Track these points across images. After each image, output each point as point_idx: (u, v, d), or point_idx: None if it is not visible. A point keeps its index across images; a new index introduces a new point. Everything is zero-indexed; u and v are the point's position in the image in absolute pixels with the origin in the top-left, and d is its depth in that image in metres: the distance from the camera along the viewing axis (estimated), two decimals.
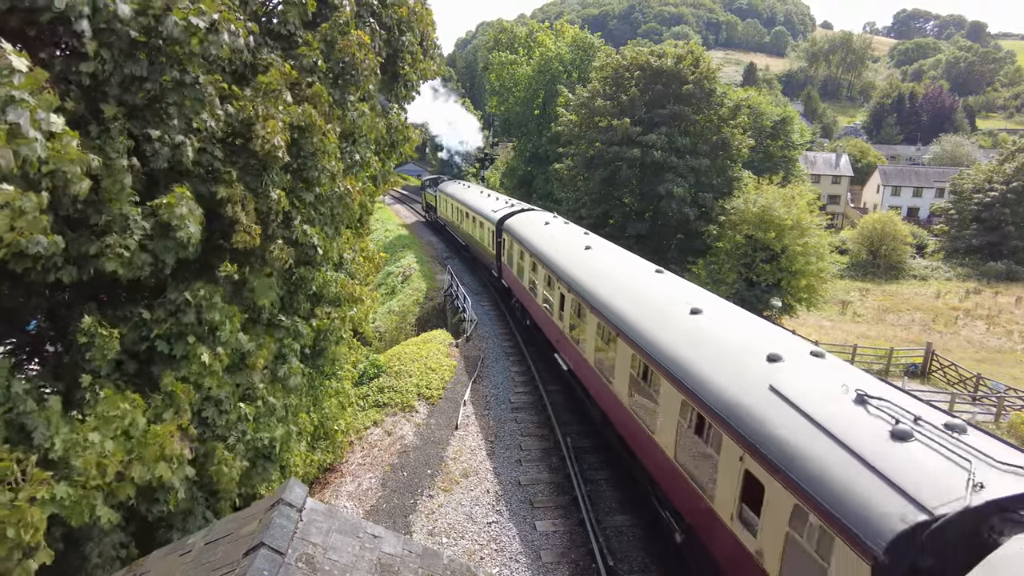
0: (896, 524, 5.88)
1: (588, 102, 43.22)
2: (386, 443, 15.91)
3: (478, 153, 79.02)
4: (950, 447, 6.63)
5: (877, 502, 6.20)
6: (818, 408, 7.77)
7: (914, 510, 5.90)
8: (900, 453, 6.66)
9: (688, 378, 9.79)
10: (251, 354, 9.96)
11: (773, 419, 7.97)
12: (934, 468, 6.33)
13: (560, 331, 17.41)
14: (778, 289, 33.29)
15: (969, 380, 28.36)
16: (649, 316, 12.22)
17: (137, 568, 4.68)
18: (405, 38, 14.85)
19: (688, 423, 9.86)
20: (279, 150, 9.40)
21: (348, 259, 14.20)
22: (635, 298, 13.30)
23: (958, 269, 56.58)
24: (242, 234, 9.22)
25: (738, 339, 10.37)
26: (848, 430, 7.21)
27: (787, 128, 60.71)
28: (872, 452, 6.74)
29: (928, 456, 6.55)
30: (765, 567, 7.64)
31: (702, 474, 9.42)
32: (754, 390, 8.63)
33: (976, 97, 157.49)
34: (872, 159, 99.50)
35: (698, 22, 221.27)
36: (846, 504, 6.42)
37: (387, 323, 33.22)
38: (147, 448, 7.68)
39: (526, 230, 22.91)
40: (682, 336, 10.94)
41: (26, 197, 6.08)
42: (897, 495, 6.14)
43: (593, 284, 15.12)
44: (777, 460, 7.49)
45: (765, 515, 7.72)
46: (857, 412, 7.55)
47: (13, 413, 6.93)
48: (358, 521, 4.62)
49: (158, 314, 8.83)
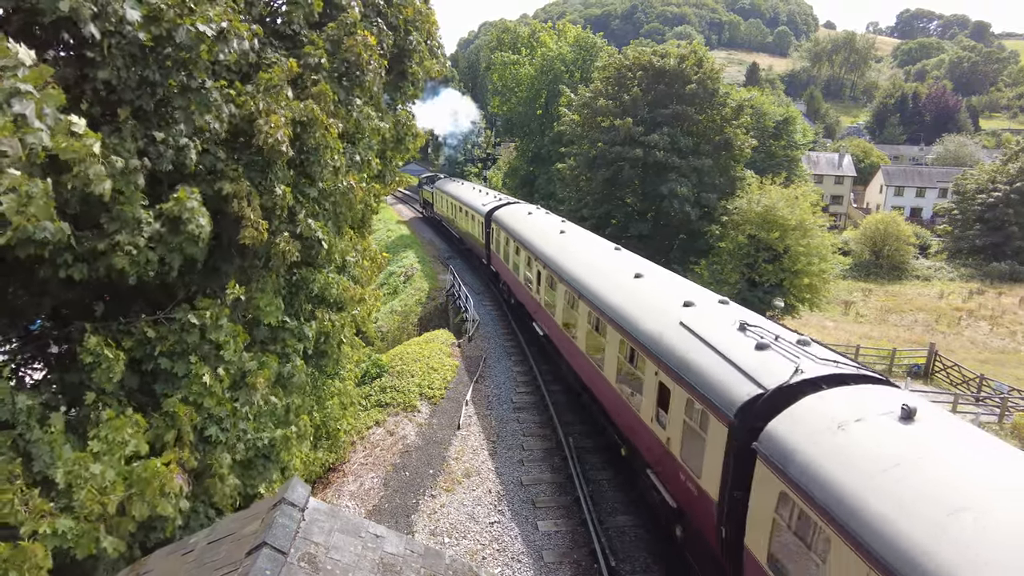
0: (742, 397, 8.72)
1: (590, 102, 43.19)
2: (388, 443, 15.91)
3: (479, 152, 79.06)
4: (792, 352, 9.38)
5: (734, 386, 9.01)
6: (710, 334, 10.52)
7: (754, 387, 8.74)
8: (757, 357, 9.44)
9: (625, 323, 12.70)
10: (252, 373, 9.85)
11: (679, 344, 10.77)
12: (775, 364, 9.12)
13: (537, 303, 20.31)
14: (780, 289, 33.24)
15: (972, 381, 28.31)
16: (603, 282, 15.00)
17: (140, 567, 4.69)
18: (412, 37, 14.89)
19: (625, 356, 12.78)
20: (283, 144, 9.38)
21: (351, 262, 14.20)
22: (594, 269, 16.14)
23: (961, 270, 56.45)
24: (250, 230, 9.17)
25: (664, 293, 13.30)
26: (727, 346, 9.96)
27: (790, 128, 60.64)
28: (739, 358, 9.50)
29: (775, 358, 9.32)
30: (671, 450, 10.63)
31: (633, 393, 12.41)
32: (669, 326, 11.45)
33: (980, 97, 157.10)
34: (875, 159, 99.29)
35: (701, 22, 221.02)
36: (717, 391, 9.22)
37: (389, 323, 33.26)
38: (147, 485, 7.58)
39: (511, 220, 25.70)
40: (625, 294, 13.76)
41: (33, 183, 6.10)
42: (748, 381, 8.93)
43: (563, 260, 17.84)
44: (679, 370, 10.30)
45: (670, 412, 10.66)
46: (737, 335, 10.36)
47: (17, 434, 6.88)
48: (360, 521, 4.62)
49: (162, 331, 8.78)
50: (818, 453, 7.21)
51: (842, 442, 7.16)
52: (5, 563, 5.98)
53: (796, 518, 7.33)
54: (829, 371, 8.75)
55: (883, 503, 6.18)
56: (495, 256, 28.17)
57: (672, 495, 10.81)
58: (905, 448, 6.75)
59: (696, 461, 9.70)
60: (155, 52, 7.95)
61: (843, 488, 6.61)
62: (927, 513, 5.85)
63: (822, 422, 7.59)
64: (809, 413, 7.87)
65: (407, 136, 16.22)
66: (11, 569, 5.98)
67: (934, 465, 6.44)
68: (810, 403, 8.06)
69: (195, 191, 8.37)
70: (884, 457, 6.69)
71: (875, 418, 7.39)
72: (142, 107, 8.21)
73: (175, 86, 8.29)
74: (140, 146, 8.12)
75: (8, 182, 5.87)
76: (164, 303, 9.25)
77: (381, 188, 15.83)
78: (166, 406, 8.45)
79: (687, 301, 12.10)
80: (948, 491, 6.00)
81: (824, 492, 6.76)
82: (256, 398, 9.90)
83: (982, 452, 6.68)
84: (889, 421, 7.27)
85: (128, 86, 7.90)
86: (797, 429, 7.71)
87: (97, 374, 7.72)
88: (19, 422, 6.92)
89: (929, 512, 5.84)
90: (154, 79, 8.04)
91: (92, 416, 7.66)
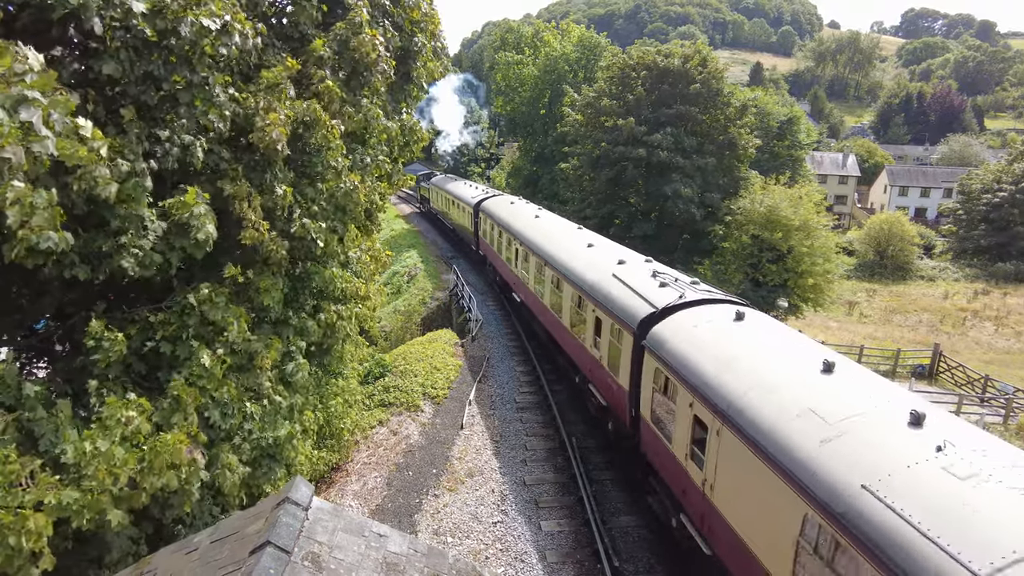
0: (642, 314, 12.62)
1: (594, 102, 43.16)
2: (392, 442, 15.93)
3: (482, 152, 79.12)
4: (682, 288, 13.26)
5: (639, 308, 12.90)
6: (631, 280, 14.42)
7: (650, 308, 12.61)
8: (658, 291, 13.29)
9: (576, 278, 16.65)
10: (258, 354, 9.98)
11: (610, 288, 14.66)
12: (668, 294, 12.91)
13: (517, 277, 24.12)
14: (784, 289, 33.16)
15: (977, 381, 28.18)
16: (564, 252, 18.85)
17: (144, 566, 4.70)
18: (417, 39, 14.91)
19: (575, 303, 16.72)
20: (279, 143, 9.42)
21: (354, 258, 14.22)
22: (559, 244, 19.87)
23: (966, 270, 56.16)
24: (250, 230, 9.28)
25: (607, 257, 17.09)
26: (640, 286, 13.91)
27: (794, 128, 60.50)
28: (646, 292, 13.41)
29: (670, 290, 13.17)
30: (602, 363, 14.65)
31: (580, 330, 16.38)
32: (605, 277, 15.34)
33: (985, 97, 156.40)
34: (879, 159, 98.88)
35: (704, 22, 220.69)
36: (628, 313, 13.17)
37: (393, 322, 33.27)
38: (157, 457, 7.73)
39: (496, 209, 29.74)
40: (579, 260, 17.68)
41: (37, 193, 6.12)
42: (648, 305, 12.75)
43: (536, 238, 21.75)
44: (608, 306, 14.18)
45: (602, 335, 14.66)
46: (649, 279, 14.25)
47: (25, 417, 6.98)
48: (364, 520, 4.62)
49: (162, 316, 8.86)
50: (678, 341, 11.10)
51: (694, 334, 11.03)
52: (4, 528, 6.08)
53: (664, 384, 11.24)
54: (701, 296, 12.68)
55: (709, 363, 10.00)
56: (482, 241, 32.19)
57: (603, 396, 14.98)
58: (730, 335, 10.64)
59: (615, 365, 13.75)
60: (159, 46, 7.97)
61: (688, 358, 10.47)
62: (727, 364, 9.71)
63: (686, 324, 11.49)
64: (679, 320, 11.78)
65: (412, 140, 16.35)
66: (10, 535, 6.08)
67: (743, 342, 10.27)
68: (682, 314, 11.96)
69: (205, 196, 8.43)
70: (716, 340, 10.60)
71: (718, 321, 11.27)
72: (146, 103, 8.24)
73: (179, 81, 8.32)
74: (146, 147, 8.16)
75: (13, 194, 5.88)
76: (163, 295, 9.31)
77: (388, 188, 15.87)
78: (170, 389, 8.59)
79: (620, 260, 16.25)
80: (746, 352, 9.88)
81: (677, 362, 10.65)
82: (263, 380, 9.95)
83: (780, 337, 10.45)
84: (726, 322, 11.11)
85: (132, 80, 7.92)
86: (668, 328, 11.66)
87: (99, 356, 7.83)
88: (24, 406, 7.04)
89: (727, 363, 9.75)
90: (158, 74, 8.06)
91: (95, 402, 7.78)
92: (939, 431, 6.91)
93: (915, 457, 6.55)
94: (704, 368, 9.92)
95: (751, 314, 11.44)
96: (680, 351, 10.72)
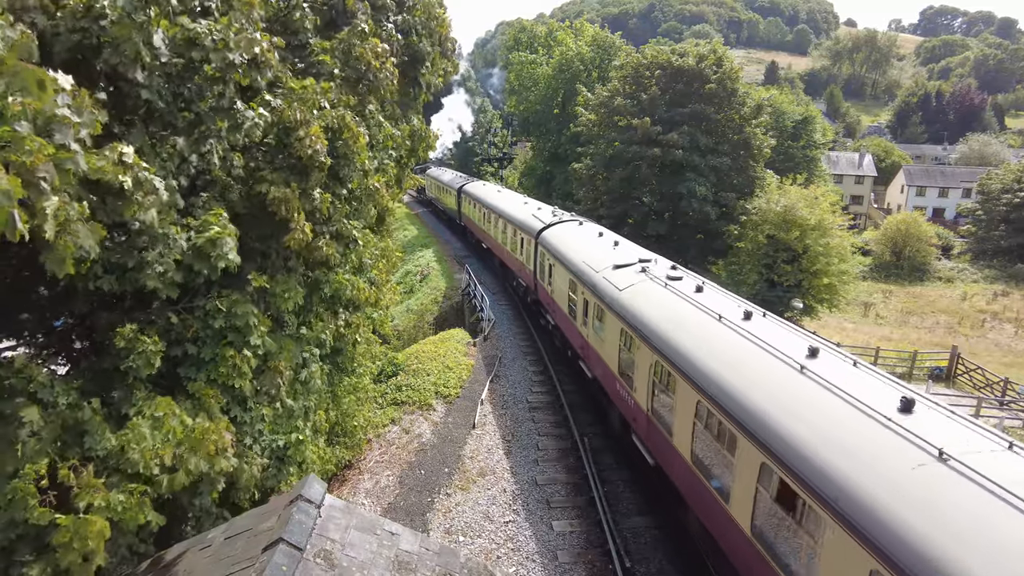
0: (538, 227, 22.91)
1: (608, 101, 43.01)
2: (404, 441, 15.98)
3: (495, 152, 79.13)
4: (561, 216, 24.37)
5: (535, 224, 23.60)
6: (537, 215, 24.89)
7: (541, 224, 23.11)
8: (550, 217, 24.06)
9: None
10: (274, 356, 10.16)
11: (526, 219, 25.02)
12: (552, 217, 23.84)
13: (502, 247, 30.20)
14: (799, 290, 32.86)
15: (996, 384, 27.73)
16: (510, 208, 28.69)
17: (158, 562, 4.74)
18: (423, 43, 15.00)
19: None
20: (321, 155, 9.91)
21: (368, 264, 14.31)
22: (515, 208, 28.76)
23: (985, 271, 55.29)
24: (297, 233, 9.70)
25: (532, 208, 26.27)
26: (542, 216, 24.37)
27: (809, 127, 59.90)
28: (541, 218, 24.15)
29: (554, 217, 23.93)
30: (522, 260, 25.34)
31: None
32: (527, 215, 24.96)
33: (1005, 95, 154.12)
34: (896, 159, 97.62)
35: (719, 21, 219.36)
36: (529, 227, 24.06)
37: (405, 322, 33.38)
38: (199, 443, 8.07)
39: (478, 192, 37.64)
40: (518, 211, 26.63)
41: (70, 206, 6.20)
42: (540, 223, 23.29)
43: (500, 206, 30.02)
44: (524, 229, 24.85)
45: (520, 247, 25.53)
46: (549, 215, 24.59)
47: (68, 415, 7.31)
48: (376, 518, 4.64)
49: (188, 319, 9.08)
50: (554, 239, 20.81)
51: (561, 237, 20.70)
52: (72, 533, 6.50)
53: (549, 267, 20.71)
54: (568, 219, 22.58)
55: (571, 248, 18.99)
56: (466, 217, 41.25)
57: (522, 279, 25.55)
58: (577, 237, 20.11)
59: (528, 258, 23.21)
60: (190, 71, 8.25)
61: (559, 246, 19.95)
62: (577, 249, 18.76)
63: (557, 232, 21.25)
64: (555, 230, 21.29)
65: (421, 146, 16.58)
66: (77, 539, 6.50)
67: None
68: (557, 227, 21.36)
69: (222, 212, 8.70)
70: (571, 239, 19.67)
71: (574, 230, 21.12)
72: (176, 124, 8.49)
73: (207, 103, 8.58)
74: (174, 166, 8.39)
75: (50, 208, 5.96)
76: (183, 296, 9.48)
77: (396, 191, 16.04)
78: (192, 389, 8.87)
79: (539, 207, 26.03)
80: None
81: (554, 248, 20.23)
82: (279, 382, 10.16)
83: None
84: (577, 229, 21.09)
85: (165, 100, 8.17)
86: (550, 234, 21.26)
87: (137, 360, 8.07)
88: (61, 404, 7.32)
89: (576, 249, 18.82)
90: (189, 96, 8.33)
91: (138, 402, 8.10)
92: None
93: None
94: (568, 248, 19.22)
95: (588, 224, 22.61)
96: (553, 245, 20.46)
